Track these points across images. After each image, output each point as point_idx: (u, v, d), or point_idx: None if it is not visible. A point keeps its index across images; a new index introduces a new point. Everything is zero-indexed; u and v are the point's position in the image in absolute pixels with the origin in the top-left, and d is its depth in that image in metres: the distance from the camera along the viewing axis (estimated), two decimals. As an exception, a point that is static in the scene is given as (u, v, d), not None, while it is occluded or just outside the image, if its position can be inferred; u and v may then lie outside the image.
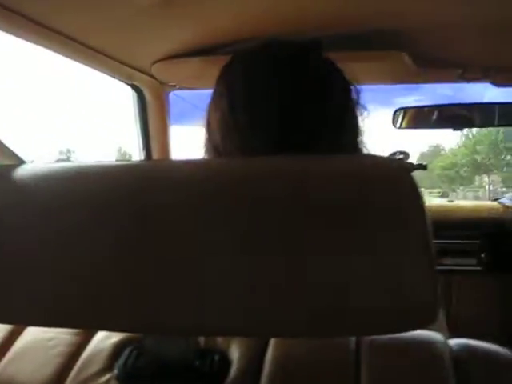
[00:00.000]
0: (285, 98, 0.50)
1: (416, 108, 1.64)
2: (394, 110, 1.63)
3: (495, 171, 21.13)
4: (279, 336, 0.43)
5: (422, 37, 1.24)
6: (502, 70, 1.40)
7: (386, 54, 1.24)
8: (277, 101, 0.50)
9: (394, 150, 1.79)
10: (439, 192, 18.66)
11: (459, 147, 23.34)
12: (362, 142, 0.57)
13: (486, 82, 1.42)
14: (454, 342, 0.44)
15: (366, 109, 0.58)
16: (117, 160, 1.71)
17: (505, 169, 21.37)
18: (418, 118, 1.61)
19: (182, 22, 1.06)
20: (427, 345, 0.44)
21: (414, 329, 0.35)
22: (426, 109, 1.61)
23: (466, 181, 22.04)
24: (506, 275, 1.55)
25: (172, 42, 1.18)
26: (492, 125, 1.56)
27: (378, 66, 1.33)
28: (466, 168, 22.34)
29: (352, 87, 0.56)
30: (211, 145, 0.56)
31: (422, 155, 23.70)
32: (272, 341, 0.45)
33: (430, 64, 1.37)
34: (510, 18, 1.10)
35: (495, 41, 1.26)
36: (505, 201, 1.63)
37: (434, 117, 1.56)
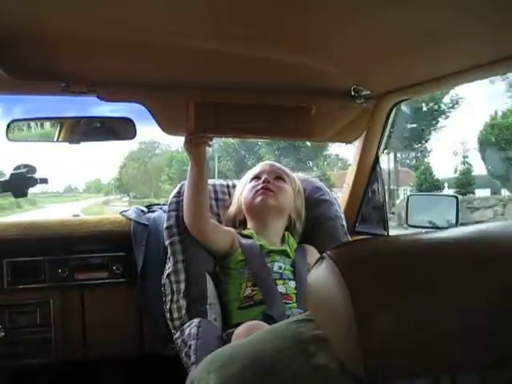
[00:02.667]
0: None
1: (30, 120, 1.52)
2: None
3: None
4: None
5: (13, 45, 1.13)
6: (107, 84, 1.41)
7: None
8: None
9: (19, 164, 1.63)
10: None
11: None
12: None
13: (93, 95, 1.41)
14: None
15: None
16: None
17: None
18: (31, 130, 1.50)
19: None
20: None
21: None
22: (39, 121, 1.51)
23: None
24: (138, 284, 1.60)
25: None
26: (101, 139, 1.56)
27: None
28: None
29: None
30: None
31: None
32: None
33: (27, 75, 1.29)
34: (111, 35, 1.10)
35: (98, 55, 1.25)
36: (129, 214, 1.67)
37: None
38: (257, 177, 1.54)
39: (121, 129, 1.48)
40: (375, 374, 0.52)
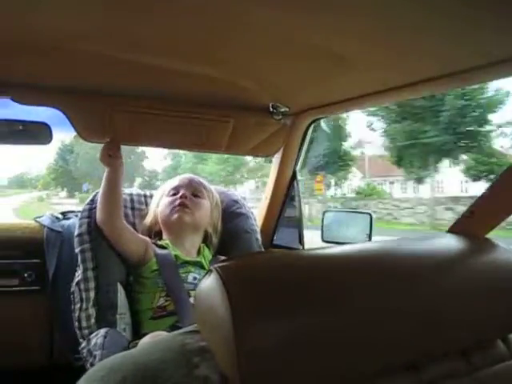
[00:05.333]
0: None
1: None
2: None
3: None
4: None
5: None
6: (23, 87, 1.38)
7: None
8: None
9: None
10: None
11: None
12: None
13: (6, 97, 1.37)
14: None
15: None
16: None
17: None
18: None
19: None
20: None
21: None
22: None
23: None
24: (49, 291, 1.56)
25: None
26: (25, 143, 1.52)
27: None
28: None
29: None
30: None
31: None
32: None
33: None
34: (31, 37, 1.07)
35: (14, 58, 1.22)
36: (43, 220, 1.63)
37: None
38: (174, 191, 1.54)
39: (36, 133, 1.45)
40: None
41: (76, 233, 1.45)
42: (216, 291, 0.55)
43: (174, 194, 1.53)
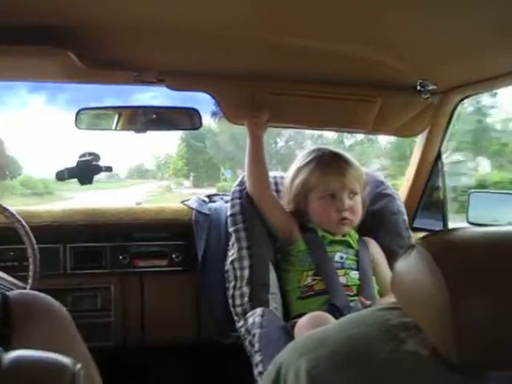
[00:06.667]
0: None
1: (99, 109, 1.57)
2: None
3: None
4: None
5: (89, 36, 1.18)
6: (176, 74, 1.44)
7: (48, 51, 1.14)
8: None
9: (84, 152, 1.68)
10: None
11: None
12: None
13: (162, 85, 1.44)
14: (9, 354, 0.44)
15: None
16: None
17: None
18: (100, 119, 1.54)
19: None
20: None
21: None
22: (109, 110, 1.55)
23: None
24: (197, 274, 1.62)
25: None
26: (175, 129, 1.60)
27: (43, 63, 1.22)
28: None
29: None
30: None
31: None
32: None
33: (102, 65, 1.33)
34: (183, 25, 1.12)
35: (169, 45, 1.28)
36: (190, 203, 1.70)
37: (116, 119, 1.52)
38: (329, 192, 1.46)
39: (187, 118, 1.51)
40: (468, 362, 0.52)
41: (229, 213, 1.49)
42: (423, 267, 0.54)
43: (331, 196, 1.46)
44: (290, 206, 1.53)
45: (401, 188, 1.83)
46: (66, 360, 0.48)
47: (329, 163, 1.47)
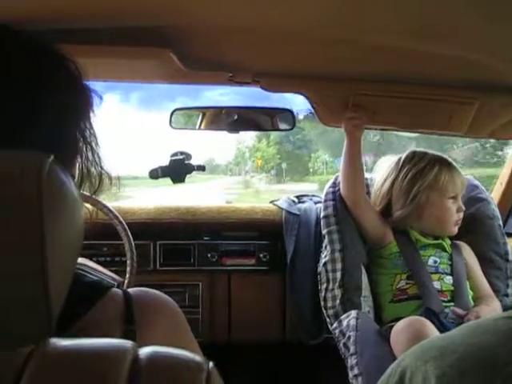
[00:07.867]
0: None
1: (193, 109, 1.60)
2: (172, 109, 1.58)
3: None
4: None
5: (189, 37, 1.20)
6: (271, 75, 1.45)
7: (150, 52, 1.17)
8: None
9: (176, 151, 1.73)
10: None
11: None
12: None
13: (256, 86, 1.45)
14: (144, 350, 0.43)
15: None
16: None
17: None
18: (194, 119, 1.58)
19: None
20: (107, 354, 0.42)
21: (28, 343, 0.37)
22: (203, 110, 1.58)
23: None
24: (283, 274, 1.63)
25: None
26: (268, 129, 1.61)
27: (142, 64, 1.26)
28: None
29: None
30: None
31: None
32: None
33: (199, 65, 1.35)
34: (279, 26, 1.12)
35: (264, 46, 1.29)
36: (280, 203, 1.71)
37: (211, 119, 1.55)
38: (453, 194, 1.47)
39: (282, 119, 1.52)
40: None
41: (322, 214, 1.49)
42: None
43: (453, 198, 1.47)
44: (379, 207, 1.52)
45: (493, 192, 1.75)
46: (200, 358, 0.49)
47: (450, 165, 1.49)
